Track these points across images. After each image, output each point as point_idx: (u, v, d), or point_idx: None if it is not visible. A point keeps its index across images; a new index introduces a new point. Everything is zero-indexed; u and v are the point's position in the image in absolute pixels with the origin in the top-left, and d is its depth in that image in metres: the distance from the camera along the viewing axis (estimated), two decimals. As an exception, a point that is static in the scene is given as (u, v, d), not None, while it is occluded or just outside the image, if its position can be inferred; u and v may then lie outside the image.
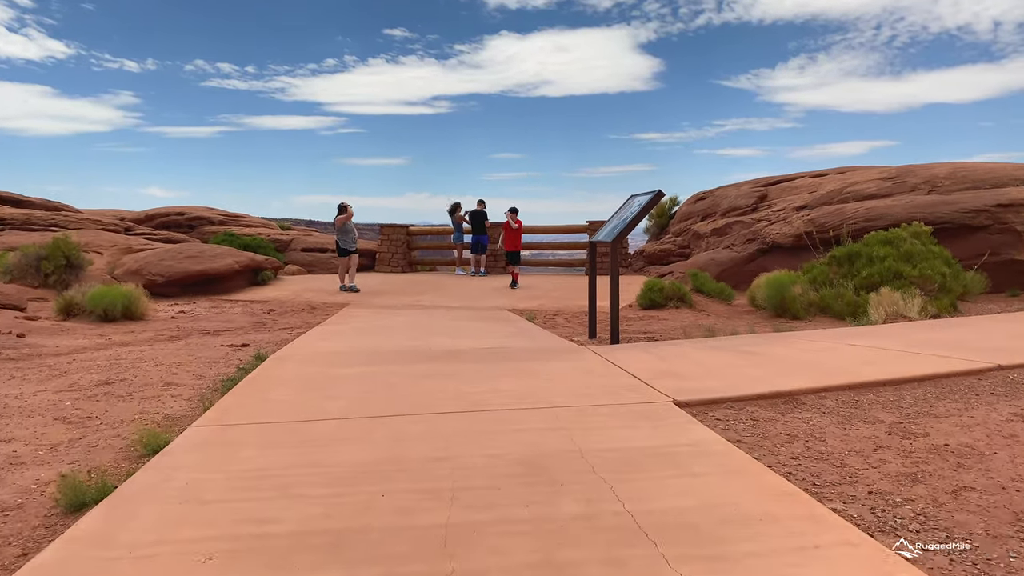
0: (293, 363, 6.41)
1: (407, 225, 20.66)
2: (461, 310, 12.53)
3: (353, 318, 11.13)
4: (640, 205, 7.83)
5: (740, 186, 16.60)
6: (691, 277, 13.29)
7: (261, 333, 9.86)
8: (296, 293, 15.84)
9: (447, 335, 8.64)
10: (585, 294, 14.76)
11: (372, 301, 14.27)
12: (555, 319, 11.55)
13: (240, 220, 22.69)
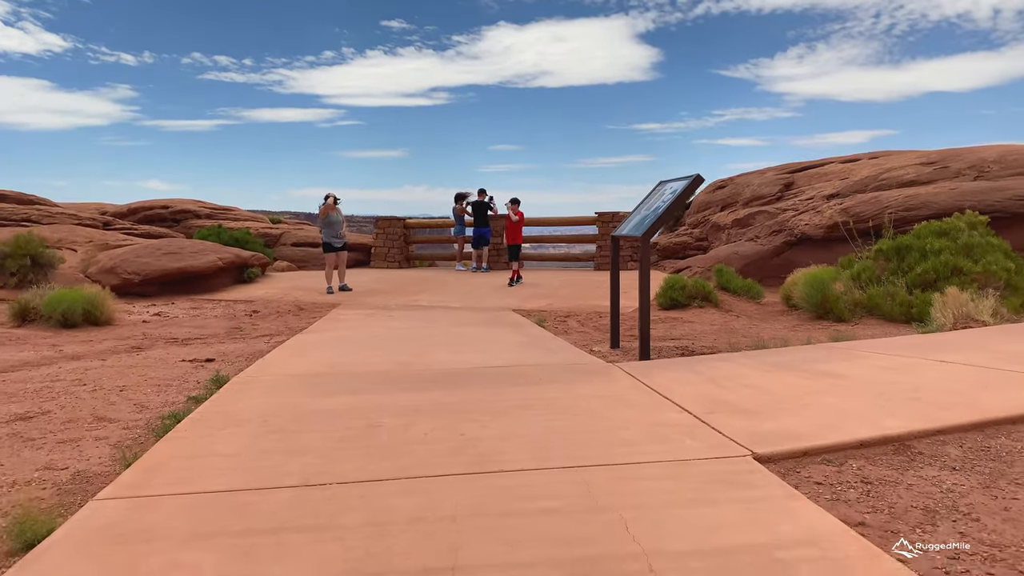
0: (257, 390, 5.21)
1: (404, 217, 19.43)
2: (463, 311, 11.33)
3: (341, 323, 9.93)
4: (675, 193, 6.62)
5: (763, 173, 15.37)
6: (715, 273, 12.09)
7: (235, 342, 8.67)
8: (284, 292, 14.64)
9: (447, 346, 7.44)
10: (597, 293, 13.60)
11: (365, 301, 13.07)
12: (567, 322, 10.35)
13: (228, 214, 21.47)
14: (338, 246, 14.26)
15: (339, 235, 14.39)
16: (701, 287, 11.19)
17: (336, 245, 14.26)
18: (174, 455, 3.71)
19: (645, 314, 6.58)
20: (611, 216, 16.94)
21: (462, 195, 18.12)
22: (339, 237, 14.38)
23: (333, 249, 14.28)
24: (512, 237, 14.99)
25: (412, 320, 10.17)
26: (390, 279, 16.30)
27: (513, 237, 15.00)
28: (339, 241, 14.28)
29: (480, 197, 17.41)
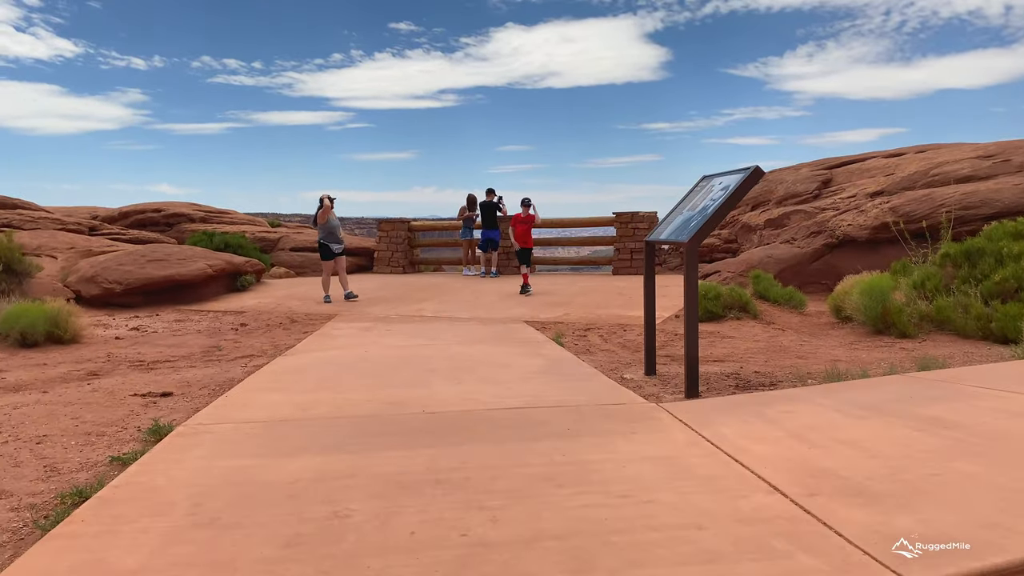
0: (202, 448, 4.03)
1: (408, 219, 18.26)
2: (470, 324, 10.15)
3: (332, 340, 8.76)
4: (727, 190, 5.41)
5: (798, 169, 14.10)
6: (752, 280, 10.87)
7: (208, 365, 7.51)
8: (278, 301, 13.50)
9: (449, 373, 6.26)
10: (618, 301, 12.37)
11: (364, 311, 11.91)
12: (587, 336, 9.16)
13: (224, 217, 20.37)
14: (338, 251, 13.14)
15: (339, 239, 13.29)
16: (738, 296, 9.97)
17: (336, 250, 13.15)
18: (43, 573, 2.54)
19: (692, 337, 5.37)
20: (630, 216, 15.72)
21: (473, 198, 16.96)
22: (339, 241, 13.26)
23: (332, 255, 13.16)
24: (523, 240, 13.80)
25: (412, 336, 8.99)
26: (393, 286, 15.15)
27: (524, 240, 13.81)
28: (339, 246, 13.16)
29: (489, 197, 16.22)
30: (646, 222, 15.53)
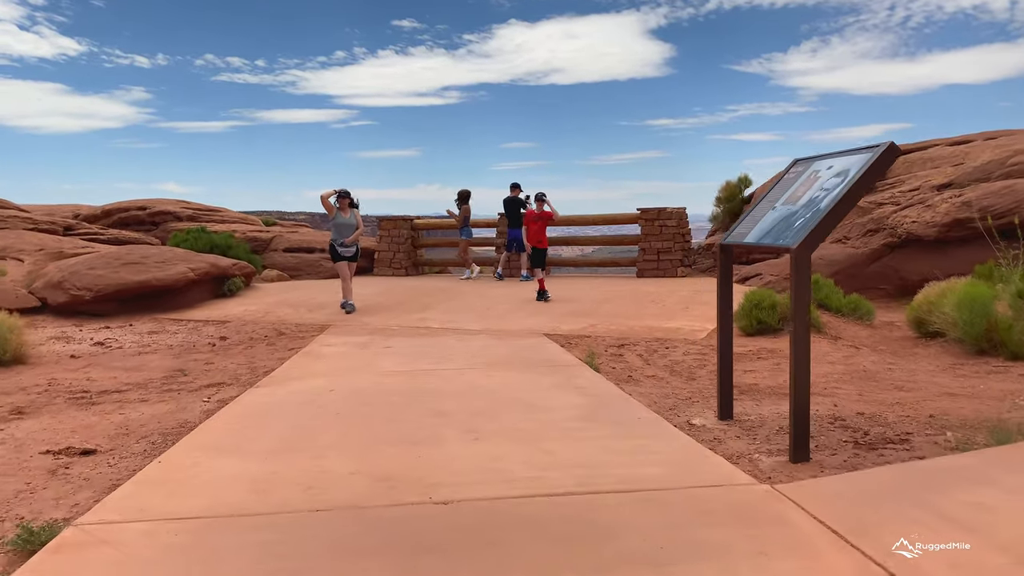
0: (90, 569, 2.58)
1: (411, 217, 16.78)
2: (483, 338, 8.69)
3: (320, 363, 7.31)
4: (848, 177, 3.95)
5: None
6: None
7: (162, 400, 6.07)
8: (267, 309, 12.07)
9: (466, 420, 4.80)
10: (651, 309, 10.61)
11: (362, 321, 10.47)
12: (624, 356, 7.71)
13: (214, 215, 18.93)
14: (346, 255, 11.50)
15: (345, 241, 11.46)
16: (797, 306, 8.47)
17: (342, 254, 11.50)
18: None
19: (803, 378, 3.91)
20: (656, 213, 14.22)
21: (466, 194, 15.40)
22: (346, 244, 11.49)
23: (338, 258, 11.54)
24: (537, 239, 12.29)
25: (416, 355, 7.54)
26: (395, 291, 13.69)
27: (538, 239, 12.30)
28: (345, 249, 11.48)
29: (514, 193, 14.71)
30: (674, 219, 14.05)
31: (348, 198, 11.31)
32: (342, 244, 11.39)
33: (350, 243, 11.38)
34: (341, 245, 11.37)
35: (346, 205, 11.29)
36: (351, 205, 11.46)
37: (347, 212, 11.35)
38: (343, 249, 11.39)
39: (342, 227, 11.36)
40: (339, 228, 11.39)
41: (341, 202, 11.30)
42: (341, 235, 11.37)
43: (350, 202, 11.37)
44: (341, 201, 11.30)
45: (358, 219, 11.42)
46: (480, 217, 16.19)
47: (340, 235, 11.37)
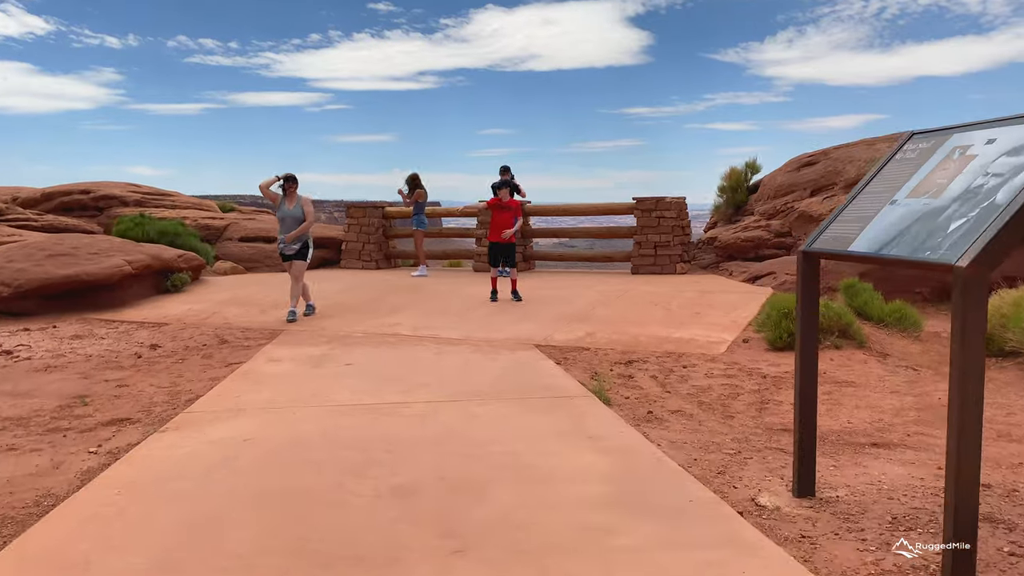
0: None
1: (383, 203, 15.23)
2: (464, 350, 7.25)
3: (256, 391, 5.82)
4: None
5: (872, 144, 11.26)
6: (843, 291, 8.06)
7: (35, 449, 4.58)
8: (214, 308, 10.54)
9: (436, 504, 3.38)
10: (655, 314, 8.43)
11: (321, 325, 8.98)
12: (635, 378, 6.32)
13: (165, 199, 17.24)
14: (286, 252, 9.58)
15: (285, 238, 9.50)
16: (836, 316, 7.15)
17: (283, 251, 9.63)
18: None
19: (969, 470, 2.51)
20: (654, 203, 12.82)
21: (415, 178, 13.80)
22: (286, 243, 9.48)
23: (288, 258, 9.63)
24: (500, 233, 10.62)
25: (380, 380, 6.07)
26: (363, 287, 12.18)
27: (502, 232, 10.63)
28: (287, 246, 9.53)
29: (504, 177, 13.19)
30: (673, 210, 12.66)
31: (295, 184, 9.53)
32: (282, 242, 9.50)
33: (292, 239, 9.45)
34: (283, 242, 9.50)
35: (293, 193, 9.49)
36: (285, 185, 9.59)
37: (293, 202, 9.52)
38: (286, 247, 9.51)
39: (286, 220, 9.49)
40: (283, 221, 9.54)
41: (288, 189, 9.51)
42: (283, 229, 9.52)
43: (296, 189, 9.54)
44: (288, 188, 9.51)
45: (307, 210, 9.54)
46: (457, 204, 14.67)
47: (282, 229, 9.54)
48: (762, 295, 9.98)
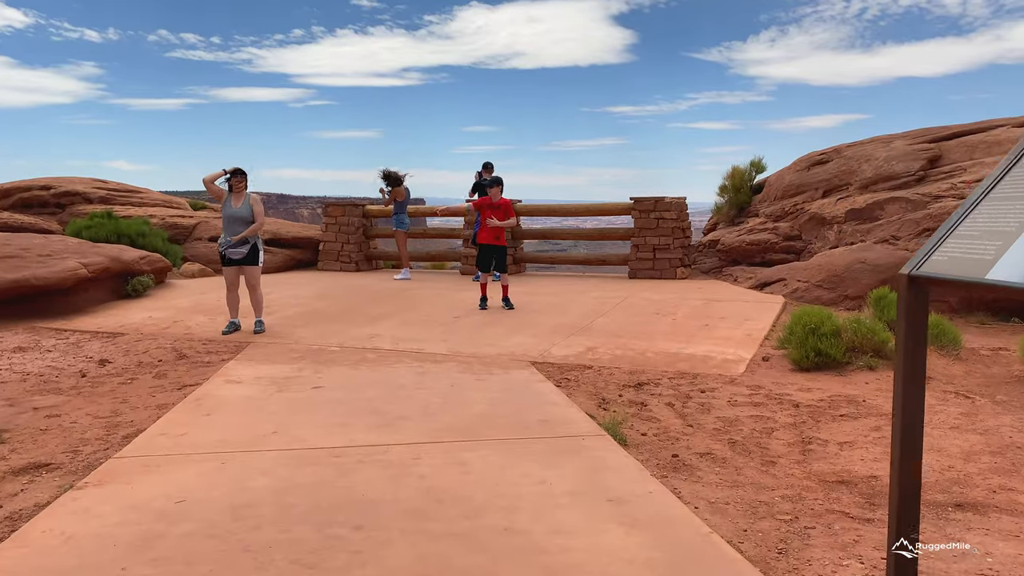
0: None
1: (363, 202, 14.33)
2: (450, 369, 6.40)
3: (208, 425, 4.94)
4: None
5: (888, 143, 10.47)
6: (872, 303, 7.27)
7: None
8: (177, 315, 9.63)
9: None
10: (662, 325, 7.72)
11: (292, 336, 8.11)
12: (649, 407, 5.50)
13: (133, 197, 16.23)
14: (234, 257, 8.39)
15: (232, 240, 8.30)
16: (869, 332, 6.36)
17: (230, 256, 8.40)
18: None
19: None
20: (652, 203, 12.01)
21: (394, 176, 12.84)
22: (233, 243, 8.31)
23: (231, 262, 8.44)
24: (494, 234, 9.81)
25: (351, 412, 5.20)
26: (339, 293, 11.29)
27: (495, 234, 9.82)
28: (235, 250, 8.34)
29: (486, 174, 12.30)
30: (674, 210, 11.85)
31: (244, 180, 8.39)
32: (229, 244, 8.29)
33: (239, 240, 8.28)
34: (229, 245, 8.30)
35: (241, 189, 8.35)
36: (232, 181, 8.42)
37: (241, 200, 8.36)
38: (231, 251, 8.30)
39: (234, 220, 8.32)
40: (228, 221, 8.35)
41: (235, 185, 8.36)
42: (229, 231, 8.32)
43: (246, 185, 8.41)
44: (235, 184, 8.36)
45: (256, 210, 8.39)
46: (441, 203, 13.77)
47: (228, 230, 8.34)
48: (774, 304, 9.20)
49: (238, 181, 8.41)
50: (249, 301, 8.56)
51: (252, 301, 8.51)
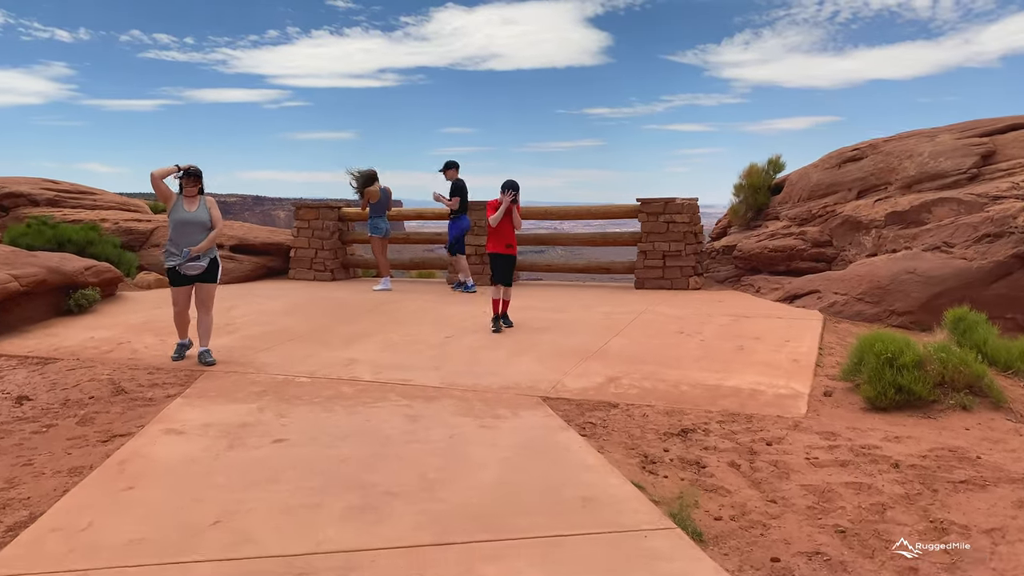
0: None
1: (339, 204, 13.00)
2: (445, 409, 5.14)
3: (122, 512, 3.62)
4: None
5: (933, 137, 9.32)
6: (949, 325, 6.11)
7: None
8: (124, 335, 8.30)
9: None
10: (689, 348, 6.70)
11: (254, 365, 6.80)
12: (702, 463, 4.31)
13: (85, 199, 14.75)
14: (190, 273, 6.87)
15: (188, 251, 6.74)
16: (961, 364, 5.20)
17: (185, 272, 6.86)
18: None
19: None
20: (662, 205, 10.81)
21: (364, 176, 11.52)
22: (188, 257, 6.74)
23: (182, 281, 6.93)
24: (506, 241, 8.52)
25: (324, 479, 3.94)
26: (313, 307, 9.97)
27: (507, 241, 8.52)
28: (192, 264, 6.80)
29: (449, 175, 11.00)
30: (686, 213, 10.66)
31: (199, 181, 6.92)
32: (187, 257, 6.73)
33: (199, 252, 6.78)
34: (186, 259, 6.74)
35: (195, 193, 6.88)
36: (201, 192, 6.93)
37: (195, 204, 6.88)
38: (188, 265, 6.76)
39: (188, 226, 6.78)
40: (180, 228, 6.79)
41: (186, 186, 6.86)
42: (182, 239, 6.77)
43: (201, 188, 6.93)
44: (188, 186, 6.85)
45: (215, 215, 6.96)
46: (427, 207, 12.46)
47: (181, 239, 6.78)
48: (813, 322, 8.03)
49: (192, 183, 6.98)
50: (196, 325, 7.16)
51: (201, 325, 7.13)
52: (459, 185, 10.85)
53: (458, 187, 10.83)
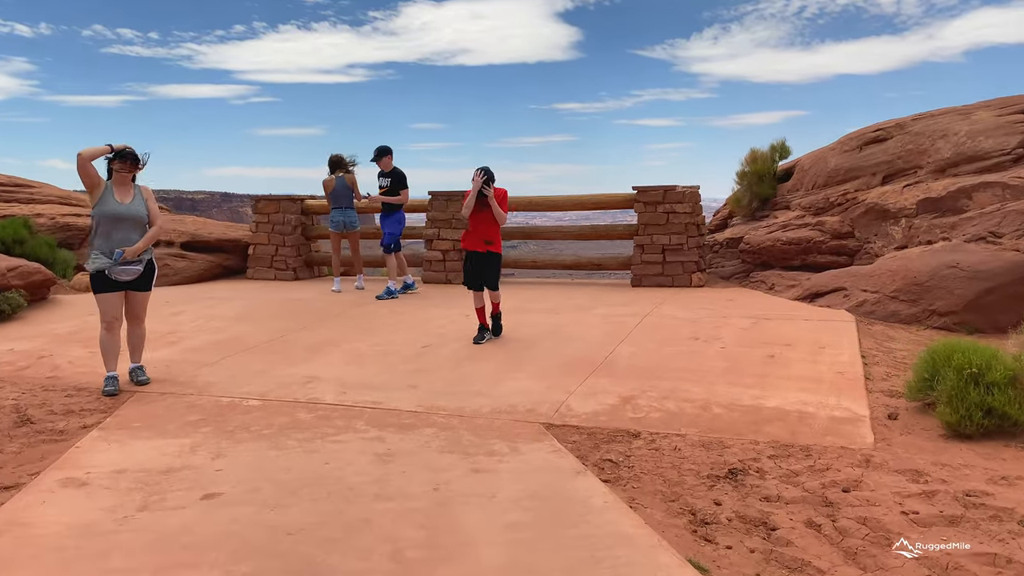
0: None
1: (301, 197, 11.77)
2: (426, 442, 4.02)
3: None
4: None
5: (968, 114, 8.34)
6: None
7: None
8: (48, 346, 7.11)
9: None
10: (710, 357, 5.69)
11: (195, 384, 5.63)
12: (776, 530, 3.24)
13: (21, 192, 13.35)
14: (122, 279, 5.53)
15: (121, 253, 5.41)
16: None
17: (116, 277, 5.50)
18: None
19: None
20: (660, 194, 9.77)
21: (341, 161, 10.27)
22: (120, 260, 5.41)
23: (106, 289, 5.51)
24: (490, 236, 7.30)
25: (262, 567, 2.82)
26: (270, 312, 8.78)
27: (491, 236, 7.30)
28: (123, 269, 5.48)
29: (382, 164, 9.64)
30: (687, 202, 9.63)
31: (135, 167, 5.55)
32: (119, 260, 5.43)
33: (135, 255, 5.50)
34: (117, 262, 5.43)
35: (127, 181, 5.56)
36: (135, 181, 5.63)
37: (129, 195, 5.56)
38: (122, 269, 5.45)
39: (119, 222, 5.47)
40: (111, 224, 5.46)
41: (119, 171, 5.51)
42: (115, 237, 5.47)
43: (135, 178, 5.63)
44: (119, 170, 5.51)
45: (153, 209, 5.68)
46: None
47: (113, 236, 5.47)
48: (845, 324, 7.03)
49: (125, 168, 5.67)
50: (126, 338, 5.91)
51: (133, 339, 5.89)
52: (403, 174, 9.54)
53: (403, 176, 9.52)
